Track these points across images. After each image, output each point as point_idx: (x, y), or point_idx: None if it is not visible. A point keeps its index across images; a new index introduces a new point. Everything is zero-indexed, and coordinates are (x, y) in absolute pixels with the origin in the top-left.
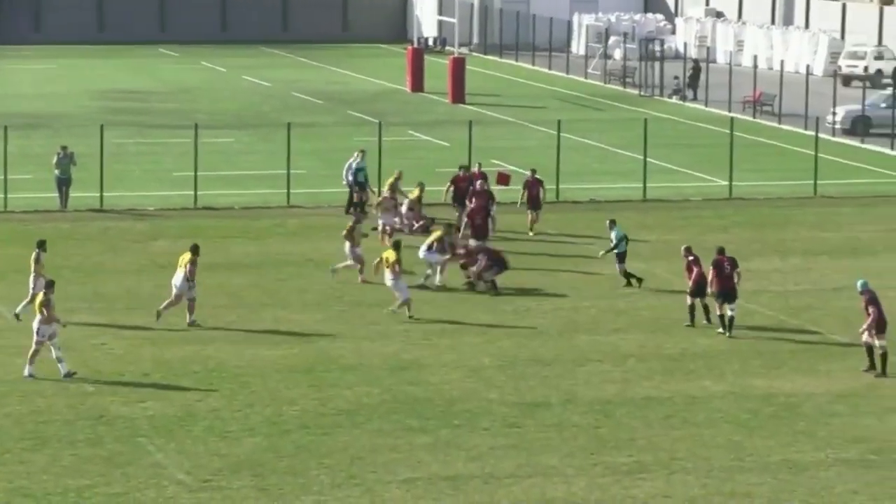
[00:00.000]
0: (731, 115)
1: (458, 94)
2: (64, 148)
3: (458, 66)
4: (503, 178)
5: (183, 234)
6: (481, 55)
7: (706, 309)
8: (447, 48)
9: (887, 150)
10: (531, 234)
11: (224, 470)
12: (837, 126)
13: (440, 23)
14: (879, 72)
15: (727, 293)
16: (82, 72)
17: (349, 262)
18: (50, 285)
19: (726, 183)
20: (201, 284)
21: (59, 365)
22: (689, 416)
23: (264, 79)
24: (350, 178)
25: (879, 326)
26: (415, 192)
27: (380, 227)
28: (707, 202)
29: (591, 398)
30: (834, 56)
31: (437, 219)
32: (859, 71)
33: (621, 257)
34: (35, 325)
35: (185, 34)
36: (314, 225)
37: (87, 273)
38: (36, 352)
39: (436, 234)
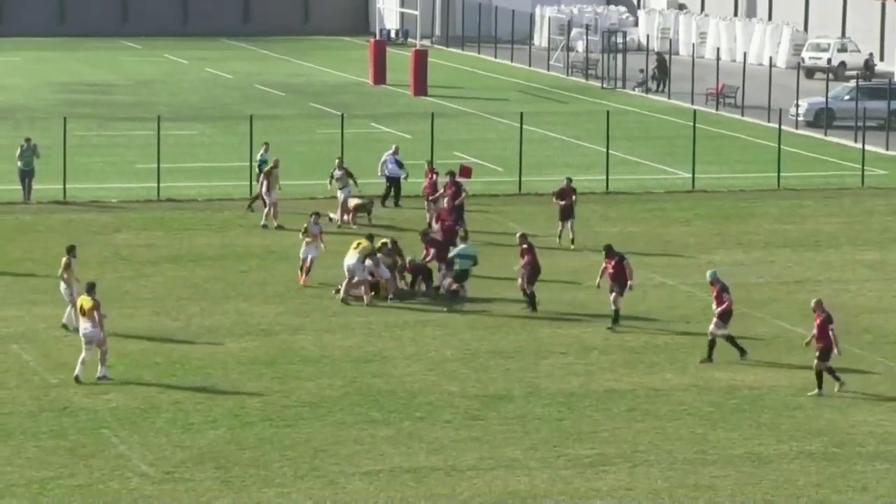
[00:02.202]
0: (694, 107)
1: (421, 87)
2: (27, 140)
3: (421, 58)
4: (465, 171)
5: (146, 227)
6: (443, 47)
7: (533, 297)
8: (409, 40)
9: (850, 143)
10: (560, 242)
11: (187, 462)
12: (801, 118)
13: (402, 15)
14: (843, 64)
15: (622, 286)
16: (44, 64)
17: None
18: (91, 288)
19: (689, 175)
20: (164, 276)
21: (79, 366)
22: (651, 409)
23: (226, 71)
24: (385, 171)
25: (725, 315)
26: (268, 166)
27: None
28: (670, 194)
29: (553, 390)
30: (797, 48)
31: (321, 213)
32: (822, 63)
33: (459, 276)
34: (89, 330)
35: (147, 27)
36: None
37: (50, 265)
38: (105, 352)
39: (363, 245)
